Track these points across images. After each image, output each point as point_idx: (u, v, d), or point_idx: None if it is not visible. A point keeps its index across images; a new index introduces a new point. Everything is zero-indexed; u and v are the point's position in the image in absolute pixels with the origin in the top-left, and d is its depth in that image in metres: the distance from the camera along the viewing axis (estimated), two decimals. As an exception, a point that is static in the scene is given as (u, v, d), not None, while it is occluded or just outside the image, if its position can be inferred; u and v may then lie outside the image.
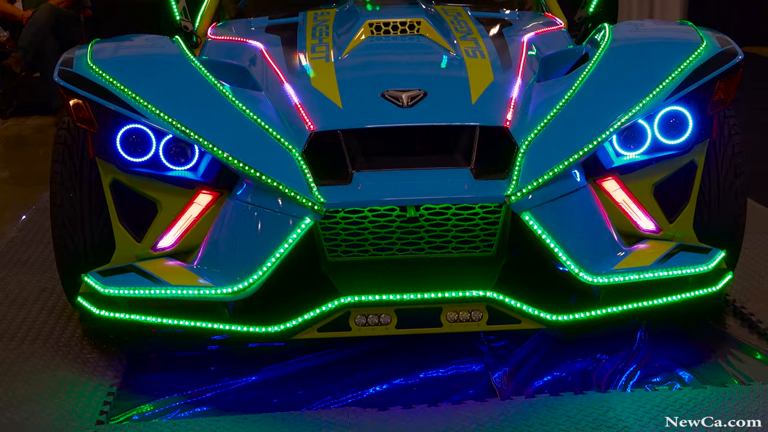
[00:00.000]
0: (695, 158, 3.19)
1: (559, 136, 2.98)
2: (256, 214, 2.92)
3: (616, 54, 3.28)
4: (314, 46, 3.52)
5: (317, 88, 3.17)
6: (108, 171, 3.10)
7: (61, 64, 3.20)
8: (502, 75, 3.25)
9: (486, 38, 3.58)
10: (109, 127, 3.03)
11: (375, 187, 2.85)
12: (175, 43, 3.47)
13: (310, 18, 3.87)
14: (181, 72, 3.24)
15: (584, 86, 3.14)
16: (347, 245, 2.97)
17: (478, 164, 2.90)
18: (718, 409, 2.66)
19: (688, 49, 3.19)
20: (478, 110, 3.04)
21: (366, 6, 3.97)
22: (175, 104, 3.04)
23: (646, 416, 2.63)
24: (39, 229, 4.53)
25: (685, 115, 3.11)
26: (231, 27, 4.22)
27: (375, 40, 3.49)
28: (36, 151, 6.44)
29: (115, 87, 3.04)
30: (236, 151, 2.93)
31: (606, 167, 3.09)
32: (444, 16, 3.79)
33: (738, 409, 2.66)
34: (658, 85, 3.07)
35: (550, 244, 2.86)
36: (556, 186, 2.91)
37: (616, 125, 3.00)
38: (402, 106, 3.01)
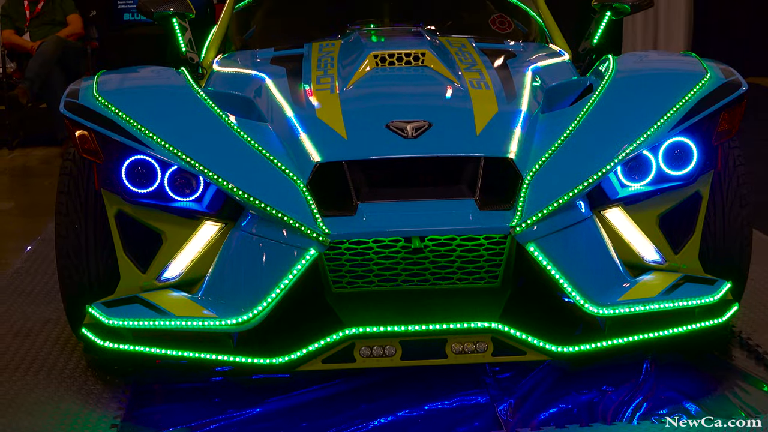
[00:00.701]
0: (700, 189, 3.19)
1: (564, 167, 2.98)
2: (260, 245, 2.92)
3: (620, 85, 3.29)
4: (319, 78, 3.53)
5: (322, 119, 3.17)
6: (113, 202, 3.10)
7: (67, 96, 3.22)
8: (506, 106, 3.26)
9: (490, 69, 3.59)
10: (114, 158, 3.04)
11: (380, 218, 2.85)
12: (181, 74, 3.48)
13: (315, 49, 3.89)
14: (186, 103, 3.25)
15: (589, 117, 3.15)
16: (352, 276, 2.96)
17: (482, 195, 2.90)
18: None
19: (693, 80, 3.19)
20: (482, 141, 3.04)
21: (371, 38, 3.99)
22: (180, 135, 3.04)
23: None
24: (44, 260, 4.53)
25: (689, 146, 3.11)
26: (236, 58, 4.24)
27: (380, 71, 3.50)
28: (41, 182, 6.46)
29: (120, 118, 3.05)
30: (241, 182, 2.93)
31: (611, 198, 3.08)
32: (449, 48, 3.81)
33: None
34: (662, 116, 3.07)
35: (555, 275, 2.85)
36: (561, 217, 2.91)
37: (620, 156, 3.00)
38: (407, 137, 3.01)
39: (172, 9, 4.13)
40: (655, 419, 2.82)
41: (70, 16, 7.76)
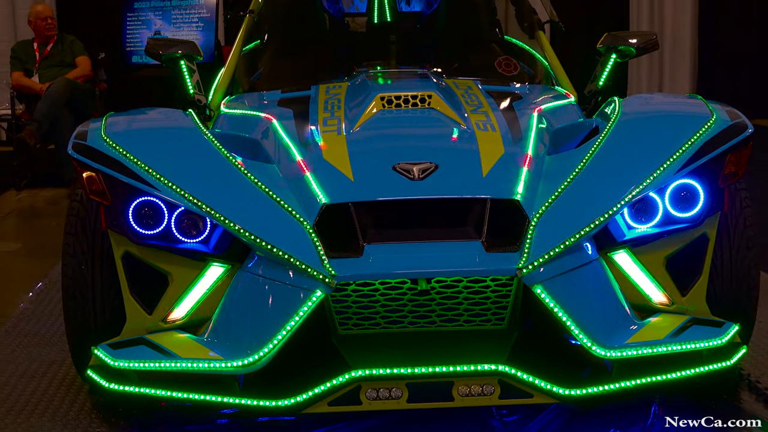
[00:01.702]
0: (707, 231, 3.18)
1: (571, 208, 2.98)
2: (267, 286, 2.91)
3: (626, 127, 3.30)
4: (326, 119, 3.54)
5: (329, 160, 3.18)
6: (120, 243, 3.10)
7: (76, 137, 3.24)
8: (512, 148, 3.27)
9: (497, 111, 3.61)
10: (121, 199, 3.05)
11: (386, 260, 2.85)
12: (189, 116, 3.50)
13: (322, 91, 3.91)
14: (193, 145, 3.27)
15: (595, 159, 3.16)
16: (358, 318, 2.96)
17: (489, 237, 2.90)
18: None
19: (698, 122, 3.20)
20: (489, 183, 3.04)
21: (377, 80, 4.01)
22: (187, 177, 3.05)
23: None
24: (50, 301, 4.53)
25: (696, 188, 3.11)
26: (244, 100, 4.26)
27: (386, 113, 3.52)
28: (49, 223, 6.47)
29: (128, 160, 3.07)
30: (248, 223, 2.94)
31: (618, 240, 3.08)
32: (455, 90, 3.83)
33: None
34: (668, 158, 3.08)
35: (562, 317, 2.84)
36: (568, 259, 2.91)
37: (627, 198, 3.01)
38: (413, 179, 3.02)
39: (180, 51, 4.16)
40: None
41: (79, 58, 7.82)
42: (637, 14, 9.99)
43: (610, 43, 4.22)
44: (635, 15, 9.98)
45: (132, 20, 8.33)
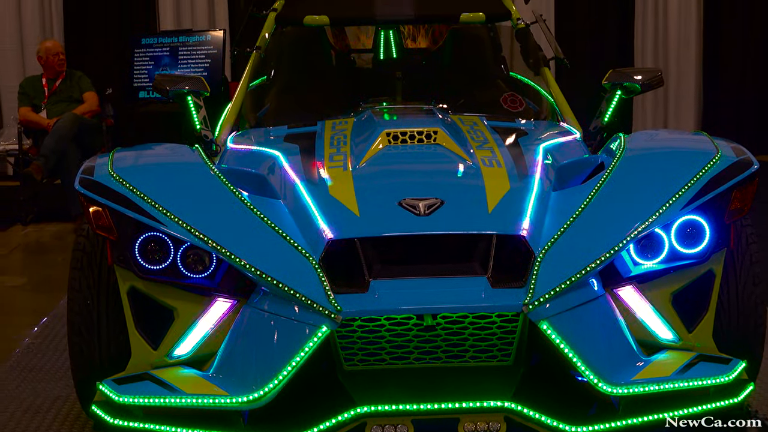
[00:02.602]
0: (713, 267, 3.17)
1: (576, 244, 2.98)
2: (272, 322, 2.91)
3: (631, 163, 3.31)
4: (332, 155, 3.56)
5: (335, 196, 3.19)
6: (126, 278, 3.11)
7: (83, 173, 3.25)
8: (518, 184, 3.27)
9: (502, 147, 3.62)
10: (128, 234, 3.05)
11: (392, 296, 2.85)
12: (195, 151, 3.52)
13: (329, 127, 3.93)
14: (200, 180, 3.28)
15: (600, 195, 3.16)
16: (364, 354, 2.95)
17: (495, 273, 2.90)
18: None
19: (704, 158, 3.21)
20: (494, 219, 3.05)
21: (383, 116, 4.03)
22: (193, 212, 3.06)
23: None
24: (55, 336, 4.53)
25: (702, 225, 3.11)
26: (250, 136, 4.28)
27: (392, 149, 3.53)
28: (55, 258, 6.48)
29: (135, 195, 3.07)
30: (254, 259, 2.94)
31: (624, 276, 3.08)
32: (460, 126, 3.84)
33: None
34: (674, 194, 3.08)
35: (568, 353, 2.83)
36: (574, 295, 2.90)
37: (633, 234, 3.01)
38: (419, 215, 3.02)
39: (188, 87, 4.18)
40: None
41: (87, 93, 7.86)
42: (642, 50, 10.03)
43: (615, 80, 4.23)
44: (640, 51, 10.02)
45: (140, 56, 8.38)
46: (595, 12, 9.93)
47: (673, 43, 10.02)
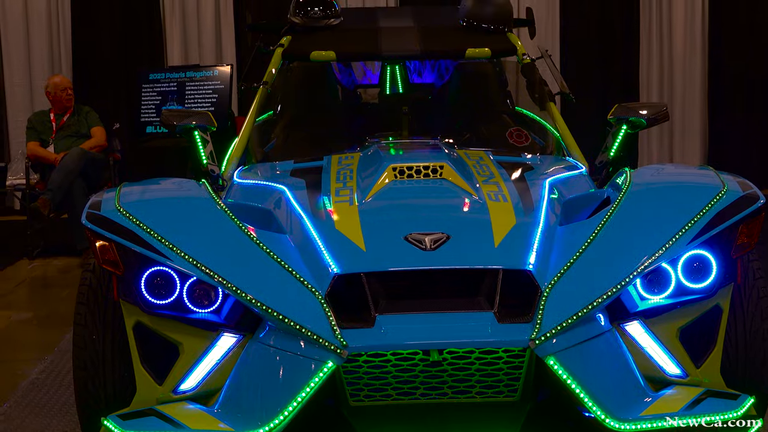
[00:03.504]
0: (720, 302, 3.16)
1: (583, 279, 2.97)
2: (278, 357, 2.90)
3: (637, 198, 3.31)
4: (338, 190, 3.56)
5: (341, 231, 3.19)
6: (131, 313, 3.10)
7: (89, 207, 3.25)
8: (524, 218, 3.27)
9: (508, 182, 3.62)
10: (134, 269, 3.05)
11: (398, 331, 2.84)
12: (202, 186, 3.52)
13: (335, 162, 3.94)
14: (206, 215, 3.28)
15: (606, 230, 3.16)
16: (369, 389, 2.93)
17: (501, 308, 2.90)
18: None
19: (710, 193, 3.21)
20: (500, 253, 3.05)
21: (389, 150, 4.04)
22: (199, 247, 3.06)
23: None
24: (60, 372, 4.52)
25: (708, 259, 3.10)
26: (257, 170, 4.29)
27: (398, 183, 3.53)
28: (60, 293, 6.47)
29: (141, 229, 3.08)
30: (260, 293, 2.94)
31: (630, 311, 3.07)
32: (466, 161, 3.85)
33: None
34: (680, 229, 3.08)
35: (575, 389, 2.81)
36: (581, 330, 2.89)
37: (639, 269, 3.00)
38: (425, 250, 3.02)
39: (195, 122, 4.20)
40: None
41: (94, 128, 7.90)
42: (647, 85, 10.06)
43: (621, 115, 4.24)
44: (645, 86, 10.06)
45: (147, 91, 8.43)
46: (600, 47, 9.97)
47: (679, 77, 10.05)
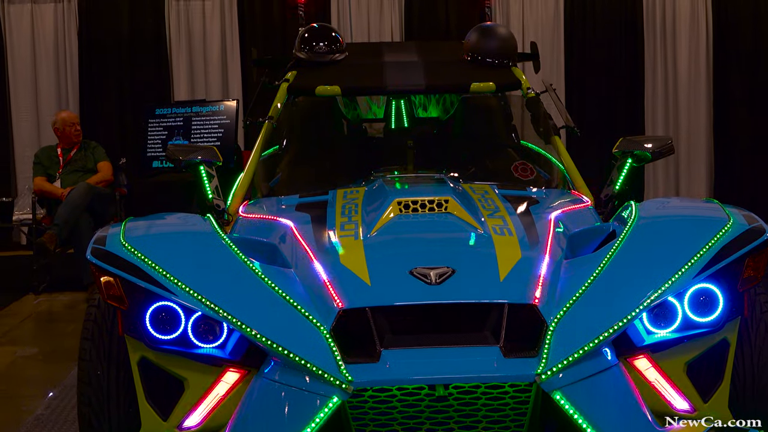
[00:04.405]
0: (727, 336, 3.15)
1: (589, 313, 2.96)
2: (283, 393, 2.89)
3: (643, 231, 3.30)
4: (343, 224, 3.56)
5: (346, 265, 3.19)
6: (136, 348, 3.10)
7: (95, 242, 3.26)
8: (529, 252, 3.27)
9: (513, 216, 3.62)
10: (139, 304, 3.05)
11: (403, 366, 2.83)
12: (207, 221, 3.53)
13: (340, 196, 3.94)
14: (211, 250, 3.28)
15: (612, 263, 3.15)
16: (375, 424, 2.92)
17: (507, 342, 2.88)
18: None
19: (716, 226, 3.20)
20: (506, 288, 3.04)
21: (395, 184, 4.04)
22: (204, 282, 3.06)
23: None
24: (65, 407, 4.50)
25: (715, 293, 3.09)
26: (262, 205, 4.30)
27: (403, 218, 3.53)
28: (66, 328, 6.47)
29: (146, 264, 3.08)
30: (265, 328, 2.93)
31: (637, 345, 3.05)
32: (471, 194, 3.85)
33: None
34: (686, 262, 3.07)
35: (582, 424, 2.80)
36: (587, 365, 2.88)
37: (645, 303, 2.99)
38: (430, 284, 3.02)
39: (200, 157, 4.22)
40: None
41: (101, 163, 7.93)
42: (652, 118, 10.08)
43: (626, 148, 4.25)
44: (650, 119, 10.07)
45: (153, 126, 8.47)
46: (604, 80, 10.01)
47: (684, 110, 10.07)
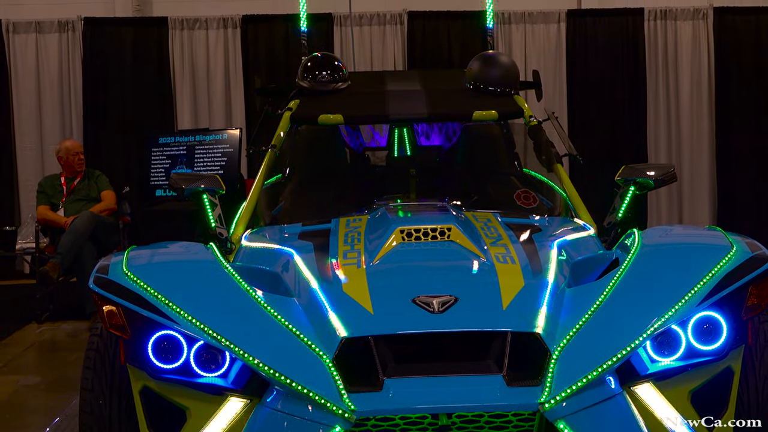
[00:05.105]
0: (732, 364, 3.13)
1: (592, 342, 2.95)
2: (286, 422, 2.88)
3: (646, 259, 3.30)
4: (346, 253, 3.56)
5: (348, 293, 3.18)
6: (138, 378, 3.09)
7: (97, 271, 3.26)
8: (533, 280, 3.26)
9: (516, 244, 3.61)
10: (141, 333, 3.05)
11: (406, 395, 2.82)
12: (209, 249, 3.53)
13: (343, 225, 3.94)
14: (213, 278, 3.28)
15: (616, 291, 3.15)
16: (378, 454, 2.90)
17: (510, 371, 2.87)
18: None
19: (719, 254, 3.20)
20: (509, 316, 3.03)
21: (397, 213, 4.04)
22: (207, 310, 3.06)
23: None
24: (67, 436, 4.48)
25: (719, 321, 3.08)
26: (265, 233, 4.29)
27: (406, 246, 3.53)
28: (68, 357, 6.45)
29: (148, 293, 3.08)
30: (267, 357, 2.92)
31: (641, 373, 3.04)
32: (474, 222, 3.84)
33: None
34: (689, 290, 3.06)
35: (586, 453, 2.78)
36: (591, 393, 2.86)
37: (649, 331, 2.98)
38: (433, 312, 3.01)
39: (203, 186, 4.22)
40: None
41: (104, 192, 7.94)
42: (655, 145, 10.08)
43: (629, 176, 4.25)
44: (653, 146, 10.08)
45: (157, 155, 8.48)
46: (607, 108, 10.02)
47: (686, 137, 10.08)
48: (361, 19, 9.78)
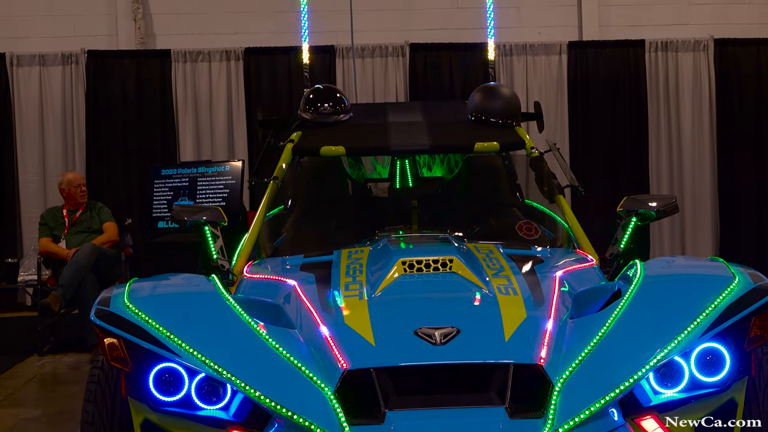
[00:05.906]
0: (735, 396, 3.12)
1: (595, 373, 2.94)
2: (287, 455, 2.86)
3: (648, 290, 3.29)
4: (348, 284, 3.56)
5: (350, 325, 3.18)
6: (139, 411, 3.08)
7: (98, 304, 3.25)
8: (535, 311, 3.26)
9: (518, 275, 3.61)
10: (142, 366, 3.04)
11: (408, 427, 2.80)
12: (211, 281, 3.52)
13: (344, 256, 3.94)
14: (215, 310, 3.28)
15: (618, 323, 3.14)
16: (380, 487, 2.88)
17: (512, 403, 2.86)
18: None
19: (721, 285, 3.19)
20: (511, 347, 3.02)
21: (399, 244, 4.04)
22: (208, 343, 3.05)
23: None
24: (68, 470, 4.45)
25: (721, 352, 3.07)
26: (267, 265, 4.29)
27: (408, 278, 3.53)
28: (69, 389, 6.43)
29: (150, 326, 3.07)
30: (269, 390, 2.91)
31: (644, 405, 3.02)
32: (476, 254, 3.84)
33: None
34: (692, 321, 3.05)
35: (589, 486, 2.76)
36: (594, 425, 2.85)
37: (652, 362, 2.97)
38: (435, 344, 3.00)
39: (205, 218, 4.23)
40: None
41: (106, 224, 7.94)
42: (657, 176, 10.10)
43: (631, 207, 4.25)
44: (655, 177, 10.09)
45: (159, 187, 8.49)
46: (608, 139, 10.04)
47: (688, 168, 10.09)
48: (363, 51, 9.83)
